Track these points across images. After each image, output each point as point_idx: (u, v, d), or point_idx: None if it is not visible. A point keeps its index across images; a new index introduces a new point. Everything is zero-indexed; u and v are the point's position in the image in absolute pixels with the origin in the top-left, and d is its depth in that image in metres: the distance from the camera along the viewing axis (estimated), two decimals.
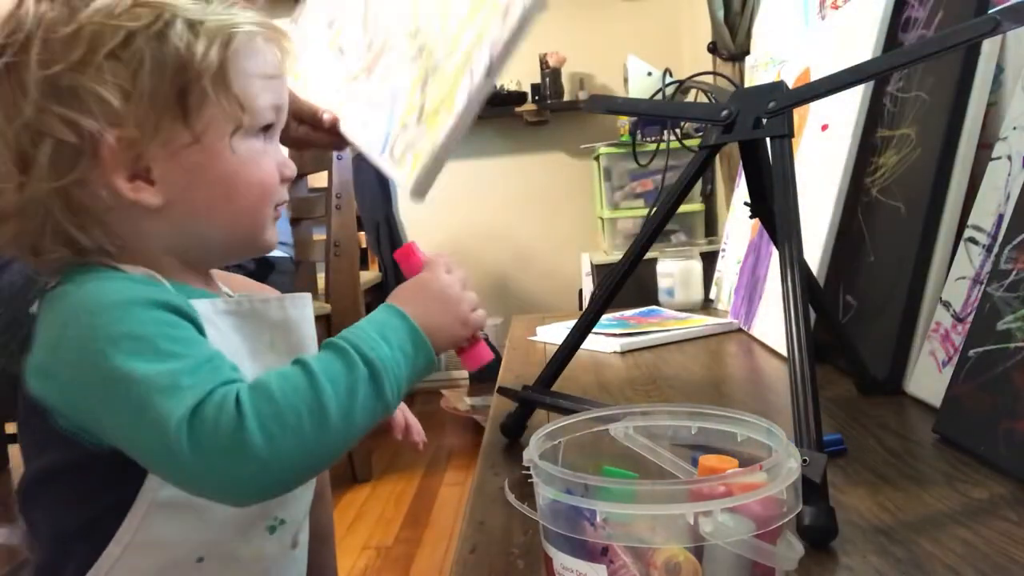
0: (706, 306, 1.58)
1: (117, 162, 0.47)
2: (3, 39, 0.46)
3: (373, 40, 0.87)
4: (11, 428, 2.35)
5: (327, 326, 2.02)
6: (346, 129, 0.84)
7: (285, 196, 0.55)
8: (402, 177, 0.76)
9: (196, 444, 0.41)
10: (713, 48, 2.30)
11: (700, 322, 1.32)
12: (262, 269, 1.71)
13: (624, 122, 2.66)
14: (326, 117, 0.80)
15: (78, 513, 0.48)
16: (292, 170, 0.54)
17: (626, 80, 2.63)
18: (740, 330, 1.28)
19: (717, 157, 1.82)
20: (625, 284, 0.81)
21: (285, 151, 0.55)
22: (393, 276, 3.26)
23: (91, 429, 0.46)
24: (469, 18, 0.76)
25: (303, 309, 0.55)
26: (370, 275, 3.13)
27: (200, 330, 0.47)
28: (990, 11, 0.72)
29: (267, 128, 0.53)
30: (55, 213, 0.47)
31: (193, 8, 0.48)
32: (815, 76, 1.10)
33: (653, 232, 0.78)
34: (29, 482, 0.49)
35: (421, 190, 0.75)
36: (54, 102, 0.45)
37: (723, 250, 1.56)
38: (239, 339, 0.51)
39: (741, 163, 0.82)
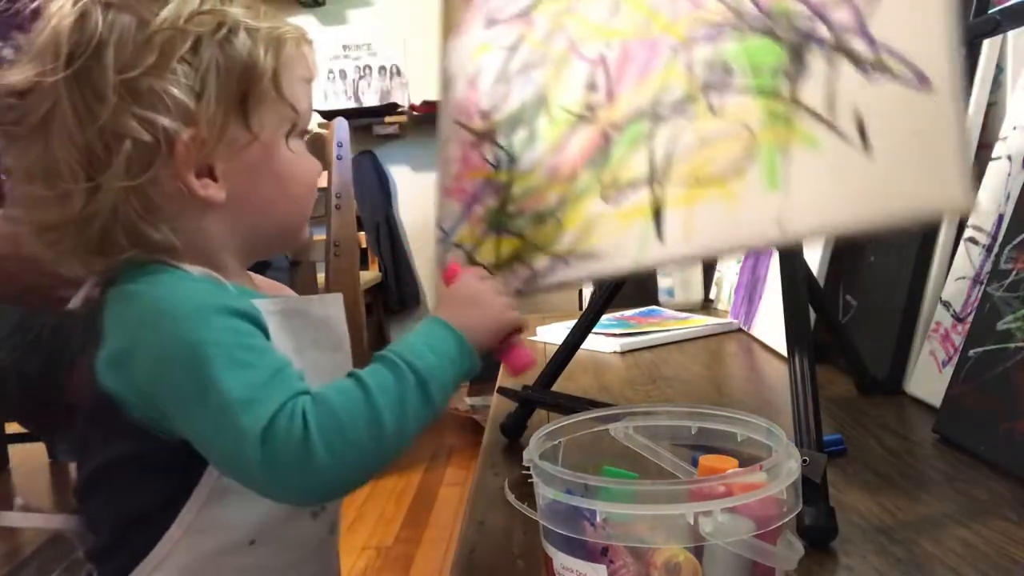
0: (706, 306, 1.58)
1: (188, 160, 0.49)
2: (71, 46, 0.47)
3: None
4: (11, 428, 2.35)
5: None
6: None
7: (316, 193, 0.59)
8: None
9: (268, 456, 0.44)
10: None
11: (700, 322, 1.32)
12: (259, 266, 1.72)
13: None
14: None
15: (142, 499, 0.50)
16: (319, 167, 0.59)
17: None
18: (740, 330, 1.28)
19: None
20: (625, 284, 0.80)
21: None
22: (393, 276, 3.26)
23: (164, 424, 0.48)
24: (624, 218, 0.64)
25: (338, 308, 0.58)
26: (370, 275, 3.14)
27: (266, 334, 0.50)
28: (990, 11, 0.72)
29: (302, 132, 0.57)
30: (129, 212, 0.49)
31: (247, 15, 0.52)
32: None
33: None
34: (92, 472, 0.51)
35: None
36: (132, 104, 0.47)
37: None
38: (285, 337, 0.53)
39: None
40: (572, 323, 0.84)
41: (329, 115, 2.81)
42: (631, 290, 1.32)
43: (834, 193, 0.52)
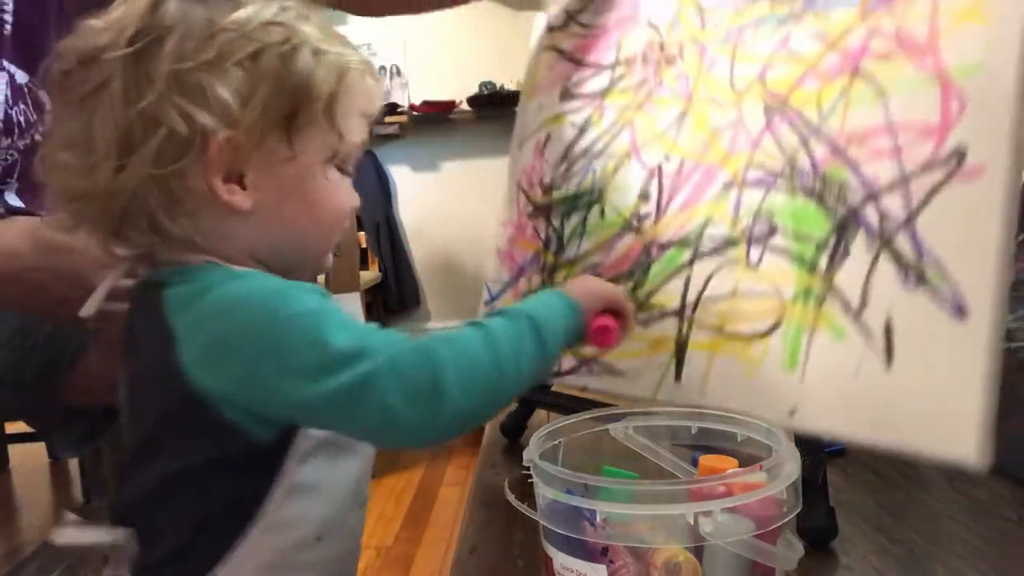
0: None
1: (220, 161, 0.49)
2: (137, 26, 0.48)
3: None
4: (11, 428, 2.35)
5: None
6: None
7: (346, 227, 0.58)
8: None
9: (401, 391, 0.45)
10: None
11: None
12: None
13: None
14: None
15: (216, 503, 0.50)
16: (357, 202, 0.57)
17: None
18: None
19: None
20: None
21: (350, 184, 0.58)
22: (393, 276, 3.26)
23: (265, 414, 0.48)
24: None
25: (356, 307, 0.59)
26: (370, 275, 3.13)
27: None
28: None
29: (347, 164, 0.57)
30: (148, 199, 0.49)
31: (319, 38, 0.51)
32: None
33: None
34: (164, 479, 0.50)
35: None
36: (177, 94, 0.47)
37: None
38: None
39: None
40: None
41: None
42: None
43: (848, 398, 0.51)
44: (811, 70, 0.60)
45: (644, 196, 0.72)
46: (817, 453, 0.56)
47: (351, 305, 0.59)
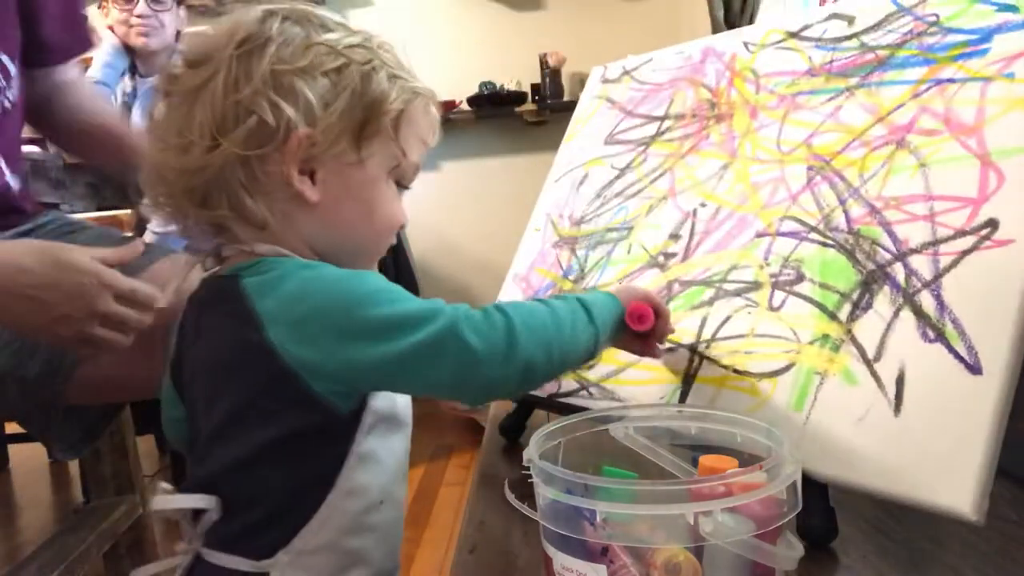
0: None
1: (296, 153, 0.56)
2: (246, 33, 0.56)
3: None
4: (11, 428, 2.35)
5: None
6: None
7: (393, 240, 0.64)
8: None
9: (478, 337, 0.51)
10: None
11: None
12: None
13: None
14: None
15: (301, 472, 0.54)
16: (407, 220, 0.64)
17: None
18: None
19: None
20: None
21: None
22: (393, 275, 3.26)
23: (353, 380, 0.53)
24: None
25: None
26: None
27: None
28: None
29: (403, 184, 0.63)
30: (232, 177, 0.56)
31: (395, 65, 0.60)
32: None
33: None
34: (255, 449, 0.54)
35: None
36: (271, 90, 0.55)
37: None
38: None
39: None
40: None
41: None
42: None
43: (850, 442, 0.52)
44: (858, 139, 0.63)
45: (675, 236, 0.74)
46: None
47: None
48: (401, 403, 0.58)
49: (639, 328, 0.59)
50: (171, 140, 0.57)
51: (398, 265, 3.31)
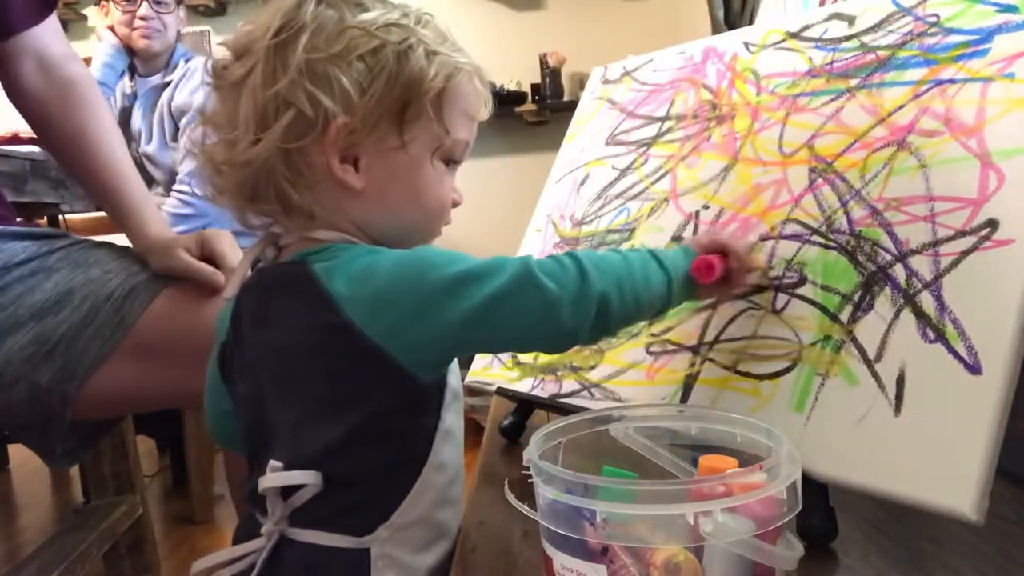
0: None
1: (337, 142, 0.55)
2: (281, 22, 0.55)
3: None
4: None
5: None
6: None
7: (449, 218, 0.63)
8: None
9: (552, 278, 0.51)
10: None
11: None
12: None
13: None
14: None
15: (398, 447, 0.55)
16: (460, 198, 0.63)
17: None
18: None
19: None
20: None
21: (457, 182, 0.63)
22: None
23: (435, 344, 0.53)
24: None
25: None
26: None
27: None
28: None
29: (454, 160, 0.62)
30: (276, 169, 0.56)
31: (433, 40, 0.58)
32: None
33: None
34: (349, 429, 0.54)
35: None
36: (307, 80, 0.54)
37: None
38: None
39: None
40: None
41: None
42: None
43: (850, 442, 0.52)
44: (859, 140, 0.63)
45: (677, 239, 0.74)
46: None
47: None
48: (455, 380, 0.59)
49: (706, 280, 0.59)
50: (221, 134, 0.58)
51: None
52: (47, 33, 0.98)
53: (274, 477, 0.53)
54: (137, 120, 1.89)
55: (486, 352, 0.57)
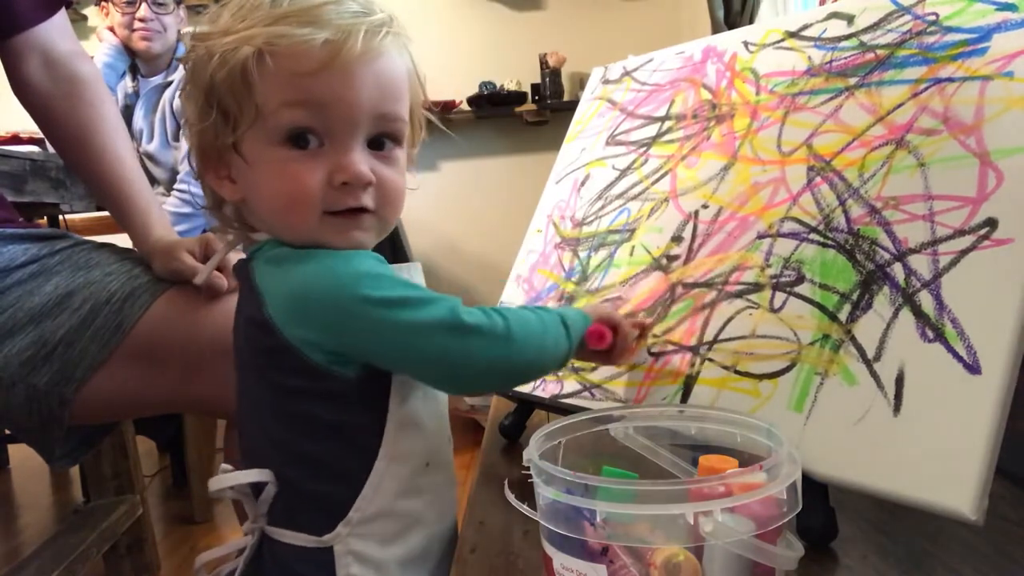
0: None
1: (208, 160, 0.58)
2: (186, 50, 0.59)
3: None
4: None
5: None
6: None
7: (350, 202, 0.55)
8: None
9: (478, 327, 0.52)
10: None
11: None
12: None
13: None
14: None
15: (343, 436, 0.55)
16: (349, 175, 0.54)
17: None
18: None
19: None
20: None
21: (358, 155, 0.55)
22: None
23: (350, 356, 0.54)
24: None
25: (420, 277, 0.62)
26: None
27: None
28: None
29: (299, 135, 0.54)
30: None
31: (224, 30, 0.54)
32: None
33: None
34: (287, 422, 0.55)
35: None
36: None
37: None
38: None
39: None
40: None
41: None
42: None
43: (850, 441, 0.52)
44: (857, 139, 0.63)
45: (677, 239, 0.74)
46: None
47: (416, 275, 0.63)
48: None
49: (597, 347, 0.62)
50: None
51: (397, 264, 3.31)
52: (54, 30, 0.98)
53: (219, 479, 0.55)
54: (139, 119, 1.89)
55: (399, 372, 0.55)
